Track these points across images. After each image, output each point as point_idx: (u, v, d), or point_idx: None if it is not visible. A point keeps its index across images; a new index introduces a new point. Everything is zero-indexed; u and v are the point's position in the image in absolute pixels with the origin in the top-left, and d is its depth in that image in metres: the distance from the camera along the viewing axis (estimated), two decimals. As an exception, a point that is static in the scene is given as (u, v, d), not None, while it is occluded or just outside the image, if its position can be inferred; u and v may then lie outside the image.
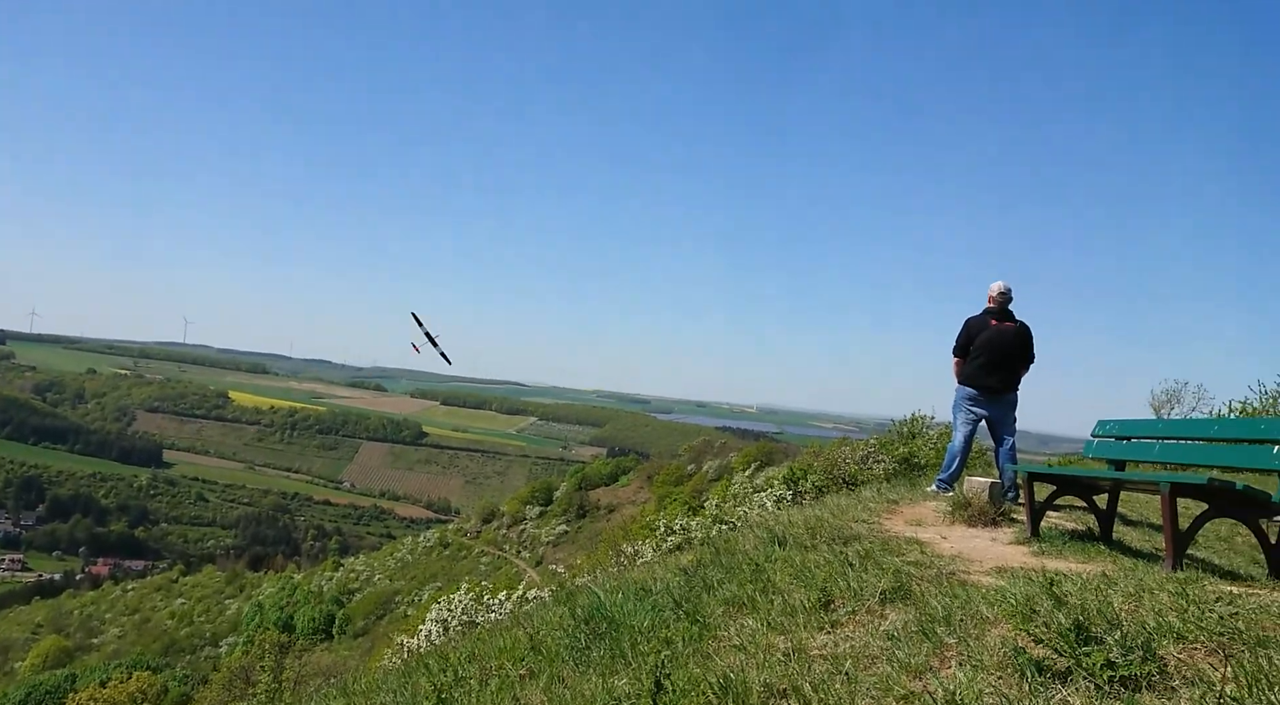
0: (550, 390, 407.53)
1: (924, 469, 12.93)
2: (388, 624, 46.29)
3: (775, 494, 15.85)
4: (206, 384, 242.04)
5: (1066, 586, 3.29)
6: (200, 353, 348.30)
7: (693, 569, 5.87)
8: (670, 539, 16.43)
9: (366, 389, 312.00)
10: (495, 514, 74.35)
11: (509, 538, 66.33)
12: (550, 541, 59.56)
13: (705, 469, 56.76)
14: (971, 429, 8.57)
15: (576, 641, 4.60)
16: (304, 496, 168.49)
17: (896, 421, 16.00)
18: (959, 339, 8.48)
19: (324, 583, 68.49)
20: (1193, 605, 2.94)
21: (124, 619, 70.67)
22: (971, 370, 8.35)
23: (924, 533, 6.35)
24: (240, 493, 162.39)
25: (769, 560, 5.38)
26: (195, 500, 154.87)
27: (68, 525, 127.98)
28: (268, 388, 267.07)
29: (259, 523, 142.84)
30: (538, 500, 70.27)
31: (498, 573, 52.07)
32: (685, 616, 4.41)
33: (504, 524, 69.90)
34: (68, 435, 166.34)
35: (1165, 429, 6.18)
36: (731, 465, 50.48)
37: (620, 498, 65.79)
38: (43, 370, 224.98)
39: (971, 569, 4.62)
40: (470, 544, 68.79)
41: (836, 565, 4.73)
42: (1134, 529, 7.53)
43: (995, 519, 6.93)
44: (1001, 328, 8.23)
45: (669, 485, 56.37)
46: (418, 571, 64.38)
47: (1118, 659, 2.51)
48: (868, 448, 15.01)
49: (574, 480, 72.72)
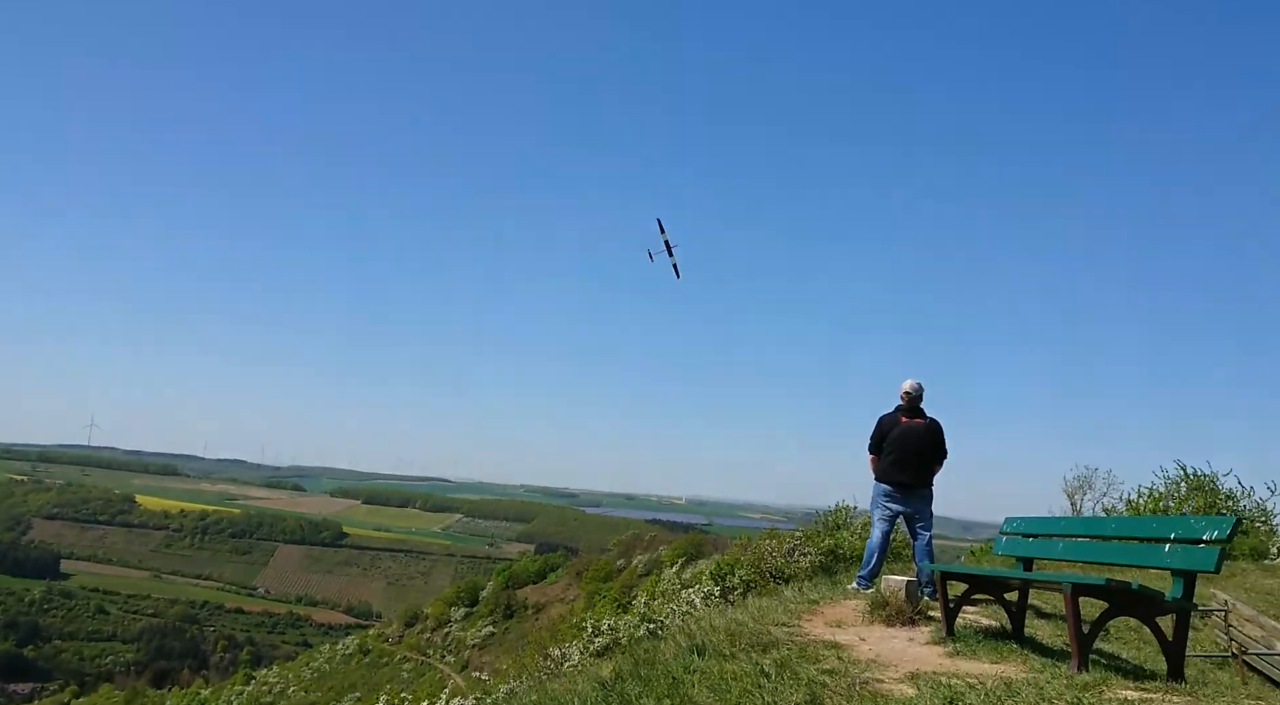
0: (477, 485, 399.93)
1: (849, 561, 13.02)
2: (302, 741, 43.77)
3: (703, 590, 15.73)
4: (111, 488, 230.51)
5: (970, 698, 3.33)
6: (106, 455, 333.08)
7: (611, 682, 5.75)
8: (598, 640, 16.07)
9: (284, 489, 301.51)
10: (418, 617, 71.81)
11: (432, 642, 63.95)
12: (476, 644, 57.60)
13: (634, 563, 56.04)
14: (889, 525, 8.75)
15: (489, 769, 4.44)
16: (214, 605, 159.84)
17: (822, 513, 16.17)
18: (873, 436, 8.75)
19: (234, 698, 64.60)
20: (1088, 717, 3.00)
21: (10, 748, 65.30)
22: (885, 466, 8.58)
23: (843, 635, 6.37)
24: (144, 603, 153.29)
25: (688, 672, 5.31)
26: (94, 613, 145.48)
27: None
28: (178, 490, 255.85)
29: (164, 635, 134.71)
30: (463, 601, 68.23)
31: (420, 680, 50.00)
32: (600, 739, 4.30)
33: (427, 627, 67.48)
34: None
35: (1067, 527, 6.38)
36: (661, 559, 49.97)
37: (548, 595, 64.32)
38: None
39: (886, 676, 4.64)
40: (392, 650, 66.10)
41: (753, 677, 4.70)
42: (1047, 622, 7.67)
43: (913, 618, 6.99)
44: (911, 424, 8.49)
45: (598, 581, 55.39)
46: (336, 681, 61.37)
47: (1016, 779, 2.54)
48: (794, 540, 15.09)
49: (501, 579, 71.01)
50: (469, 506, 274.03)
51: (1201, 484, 14.44)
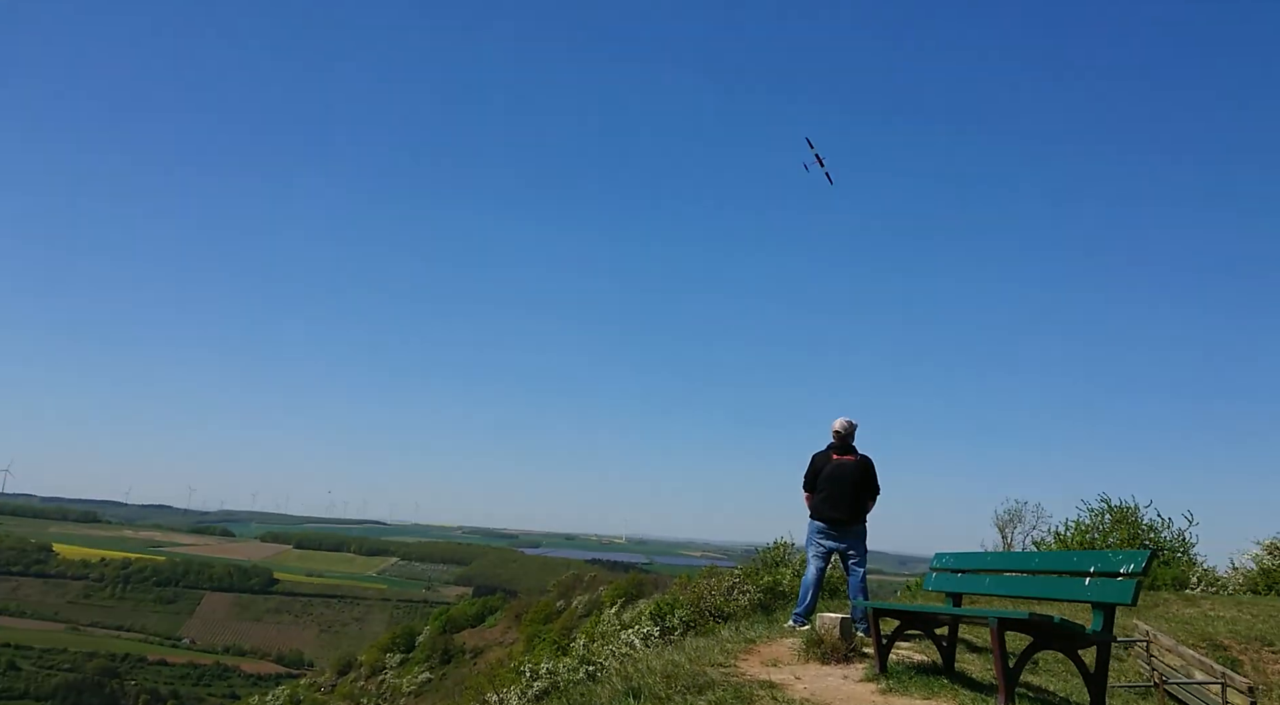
0: (413, 528, 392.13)
1: (788, 597, 13.09)
2: (228, 799, 42.06)
3: (643, 631, 15.64)
4: (27, 537, 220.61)
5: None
6: (21, 503, 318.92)
7: (547, 730, 5.69)
8: (536, 685, 15.82)
9: (212, 534, 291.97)
10: (352, 664, 69.96)
11: (367, 690, 62.23)
12: (412, 691, 56.22)
13: (575, 605, 55.50)
14: (824, 562, 8.85)
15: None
16: (136, 657, 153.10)
17: (761, 550, 16.27)
18: (806, 474, 8.89)
19: (155, 756, 61.90)
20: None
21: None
22: (817, 503, 8.72)
23: (778, 674, 6.39)
24: (61, 657, 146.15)
25: (623, 717, 5.28)
26: (5, 670, 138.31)
27: None
28: (99, 538, 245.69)
29: (81, 690, 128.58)
30: (399, 647, 66.71)
31: (354, 731, 48.49)
32: (534, 789, 4.25)
33: (361, 675, 65.73)
34: None
35: (995, 562, 6.54)
36: (601, 599, 49.52)
37: (487, 639, 63.25)
38: None
39: (820, 715, 4.67)
40: (324, 699, 64.11)
41: (688, 721, 4.69)
42: (978, 656, 7.81)
43: (847, 655, 7.06)
44: (842, 461, 8.65)
45: (538, 623, 54.65)
46: (264, 736, 59.20)
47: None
48: (733, 578, 15.13)
49: (437, 623, 69.59)
50: (405, 549, 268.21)
51: (1125, 516, 14.91)
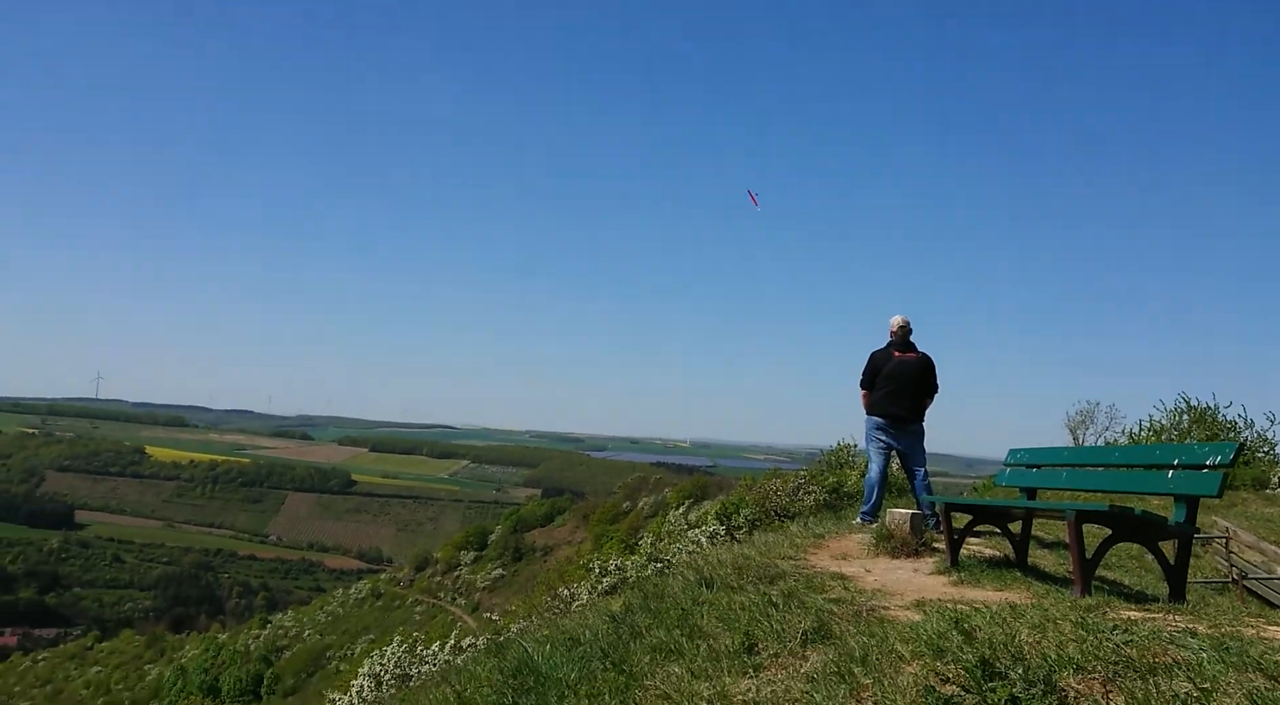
0: (482, 432, 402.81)
1: (853, 497, 13.13)
2: (319, 681, 44.88)
3: (709, 530, 15.91)
4: (121, 440, 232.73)
5: (976, 620, 3.39)
6: (114, 408, 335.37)
7: (621, 615, 5.86)
8: (605, 580, 16.31)
9: (292, 438, 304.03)
10: (428, 561, 72.94)
11: (443, 585, 65.08)
12: (486, 587, 58.63)
13: (640, 506, 56.72)
14: (885, 459, 8.84)
15: (504, 698, 4.54)
16: (227, 552, 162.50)
17: (825, 452, 16.30)
18: (865, 372, 8.80)
19: (251, 641, 66.04)
20: (1091, 635, 3.05)
21: (35, 691, 67.01)
22: (878, 400, 8.65)
23: (848, 567, 6.46)
24: (159, 552, 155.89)
25: (696, 603, 5.40)
26: (110, 562, 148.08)
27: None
28: (187, 441, 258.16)
29: (180, 582, 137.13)
30: (472, 545, 69.21)
31: (432, 622, 50.99)
32: (612, 667, 4.40)
33: (438, 571, 68.61)
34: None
35: (1071, 456, 6.43)
36: (666, 501, 50.52)
37: (556, 538, 65.23)
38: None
39: (892, 603, 4.71)
40: (403, 593, 67.30)
41: (761, 606, 4.78)
42: (1050, 552, 7.78)
43: (917, 549, 7.09)
44: (904, 359, 8.55)
45: (604, 524, 56.11)
46: (349, 625, 62.64)
47: (1021, 694, 2.60)
48: (798, 479, 15.20)
49: (508, 523, 71.87)
50: (475, 452, 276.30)
51: (1203, 416, 14.49)
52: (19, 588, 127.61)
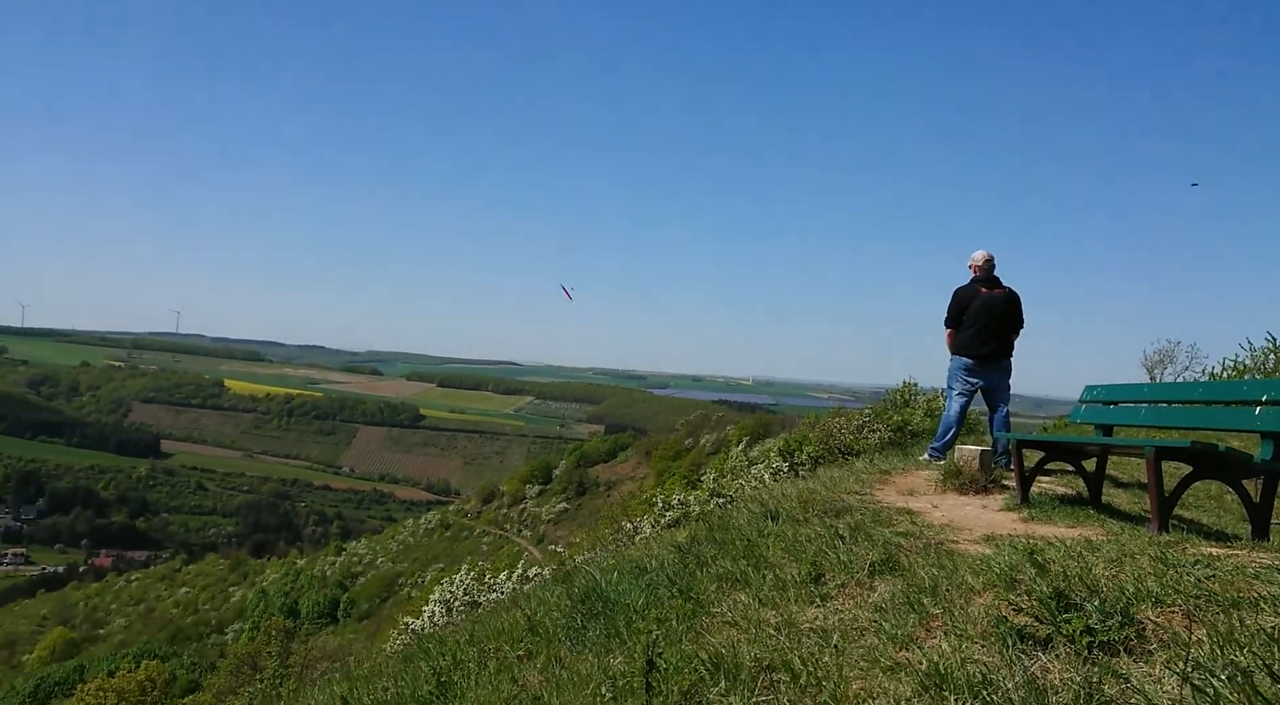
0: (546, 369, 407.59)
1: (919, 436, 12.98)
2: (392, 606, 46.65)
3: (772, 466, 15.93)
4: (201, 373, 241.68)
5: (1050, 553, 3.34)
6: (194, 342, 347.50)
7: (687, 546, 5.93)
8: (669, 514, 16.50)
9: (362, 373, 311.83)
10: (495, 494, 74.69)
11: (509, 517, 66.69)
12: (550, 519, 59.90)
13: (703, 443, 57.03)
14: (968, 399, 8.61)
15: (573, 622, 4.66)
16: (303, 482, 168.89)
17: (891, 390, 16.08)
18: (950, 310, 8.50)
19: (327, 567, 68.87)
20: (1171, 569, 2.99)
21: (129, 609, 71.06)
22: (965, 339, 8.37)
23: (915, 502, 6.42)
24: (239, 481, 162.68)
25: (762, 535, 5.43)
26: (195, 490, 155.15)
27: (68, 518, 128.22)
28: (263, 375, 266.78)
29: (259, 510, 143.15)
30: (537, 479, 70.58)
31: (499, 552, 52.42)
32: (679, 594, 4.46)
33: (504, 504, 70.27)
34: (64, 429, 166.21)
35: (1151, 392, 6.23)
36: (728, 438, 50.71)
37: (619, 474, 66.14)
38: (35, 364, 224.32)
39: (960, 538, 4.68)
40: (471, 525, 69.18)
41: (827, 538, 4.78)
42: (1124, 491, 7.61)
43: (986, 486, 6.99)
44: (991, 295, 8.26)
45: (667, 460, 56.63)
46: (420, 553, 64.78)
47: (1096, 625, 2.57)
48: (863, 417, 15.04)
49: (573, 458, 73.00)
50: (539, 389, 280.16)
51: (1293, 356, 13.87)
52: (112, 512, 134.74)
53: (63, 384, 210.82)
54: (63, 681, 41.72)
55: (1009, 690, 2.33)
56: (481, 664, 4.53)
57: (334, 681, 6.19)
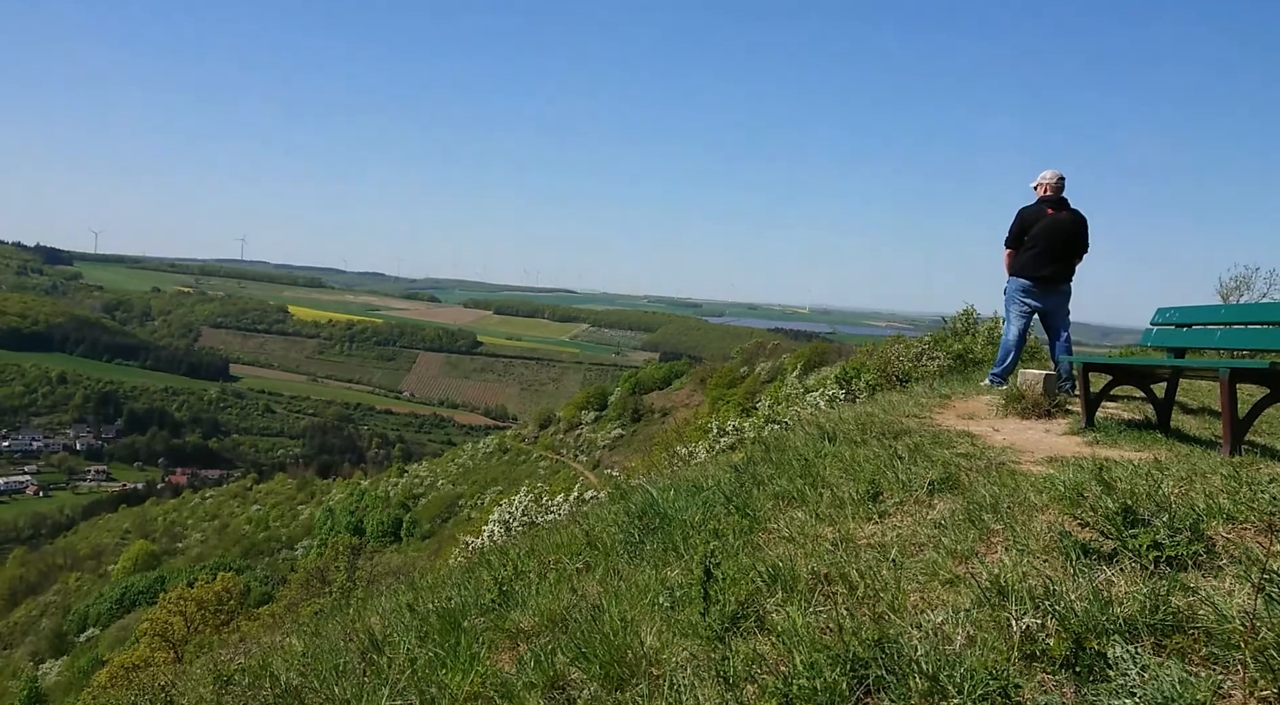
0: (601, 297, 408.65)
1: (979, 364, 12.76)
2: (453, 526, 48.05)
3: (828, 393, 15.84)
4: (266, 299, 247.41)
5: (1117, 472, 3.28)
6: (258, 269, 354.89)
7: (743, 466, 5.96)
8: (724, 439, 16.58)
9: (421, 300, 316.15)
10: (551, 420, 75.66)
11: (566, 442, 67.72)
12: (606, 445, 60.67)
13: (758, 371, 56.84)
14: (1026, 322, 8.40)
15: (630, 537, 4.74)
16: (366, 406, 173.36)
17: (950, 318, 15.78)
18: (1012, 229, 8.22)
19: (390, 488, 71.03)
20: (1245, 486, 2.92)
21: (205, 525, 74.41)
22: (1025, 260, 8.12)
23: (976, 426, 6.34)
24: (305, 404, 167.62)
25: (819, 456, 5.43)
26: (263, 412, 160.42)
27: (145, 437, 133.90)
28: (325, 302, 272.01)
29: (325, 432, 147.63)
30: (592, 405, 71.27)
31: (556, 476, 53.46)
32: (736, 511, 4.50)
33: (560, 429, 71.25)
34: (138, 352, 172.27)
35: (1228, 314, 6.00)
36: (784, 367, 50.44)
37: (674, 401, 66.41)
38: (109, 289, 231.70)
39: (1022, 459, 4.62)
40: (528, 449, 70.43)
41: (885, 459, 4.77)
42: (1193, 417, 7.40)
43: (1050, 411, 6.86)
44: (1059, 217, 7.98)
45: (722, 388, 56.64)
46: (479, 476, 66.36)
47: (1164, 540, 2.52)
48: (922, 345, 14.82)
49: (628, 385, 73.36)
50: (595, 317, 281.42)
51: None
52: (186, 433, 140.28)
53: (135, 309, 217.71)
54: (145, 591, 44.20)
55: (1071, 601, 2.31)
56: (542, 575, 4.64)
57: (400, 591, 6.42)
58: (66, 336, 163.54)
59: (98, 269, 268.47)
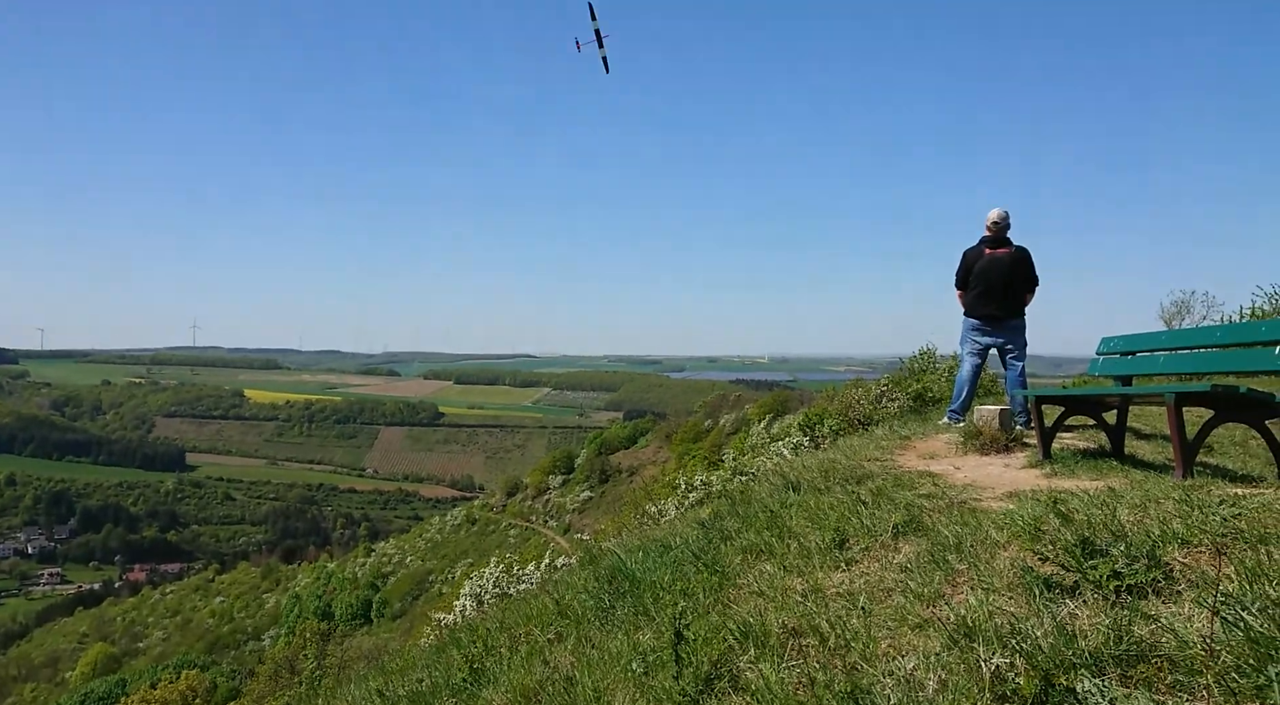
0: (561, 359, 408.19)
1: (938, 403, 12.94)
2: (424, 603, 46.95)
3: (793, 442, 15.89)
4: (221, 384, 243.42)
5: (1073, 503, 3.32)
6: (212, 354, 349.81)
7: (710, 521, 5.94)
8: (692, 495, 16.50)
9: (379, 375, 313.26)
10: (519, 487, 74.88)
11: (535, 509, 66.91)
12: (575, 509, 60.04)
13: (722, 423, 56.94)
14: (979, 359, 8.61)
15: (601, 602, 4.67)
16: (329, 486, 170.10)
17: (907, 359, 16.01)
18: (958, 271, 8.53)
19: (358, 569, 69.38)
20: (1196, 510, 2.97)
21: (166, 621, 71.86)
22: (971, 300, 8.40)
23: (937, 465, 6.40)
24: (266, 488, 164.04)
25: (784, 506, 5.43)
26: (222, 500, 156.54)
27: (100, 535, 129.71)
28: (282, 383, 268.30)
29: (287, 516, 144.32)
30: (559, 469, 70.72)
31: (527, 544, 52.62)
32: (705, 568, 4.47)
33: (528, 496, 70.48)
34: (90, 447, 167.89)
35: (1169, 340, 6.18)
36: (748, 417, 50.57)
37: (641, 459, 66.13)
38: (58, 386, 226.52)
39: (984, 496, 4.66)
40: (497, 518, 69.44)
41: (850, 505, 4.78)
42: (1147, 442, 7.55)
43: (1007, 445, 6.96)
44: (997, 255, 8.23)
45: (687, 443, 56.58)
46: (448, 550, 65.12)
47: (1123, 569, 2.55)
48: (881, 386, 15.00)
49: (593, 446, 73.00)
50: (556, 380, 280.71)
51: (1312, 298, 13.69)
52: (143, 527, 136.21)
53: (85, 403, 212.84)
54: (106, 696, 42.31)
55: (1038, 637, 2.32)
56: (513, 649, 4.56)
57: (370, 676, 6.25)
58: (14, 437, 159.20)
59: (45, 366, 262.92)
